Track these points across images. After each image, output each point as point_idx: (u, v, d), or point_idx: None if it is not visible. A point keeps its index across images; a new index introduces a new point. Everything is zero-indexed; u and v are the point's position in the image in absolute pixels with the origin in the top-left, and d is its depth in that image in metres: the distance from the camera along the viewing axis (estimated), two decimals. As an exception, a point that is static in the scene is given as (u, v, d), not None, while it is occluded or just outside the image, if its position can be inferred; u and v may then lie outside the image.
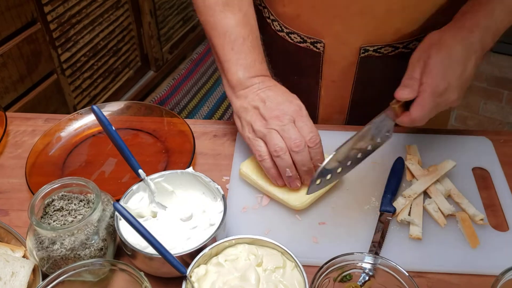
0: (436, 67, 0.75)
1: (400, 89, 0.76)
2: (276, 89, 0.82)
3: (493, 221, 0.80)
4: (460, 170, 0.86)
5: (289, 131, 0.77)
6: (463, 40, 0.77)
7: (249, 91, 0.82)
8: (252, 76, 0.82)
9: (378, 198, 0.83)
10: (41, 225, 0.65)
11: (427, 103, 0.75)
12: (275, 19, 0.96)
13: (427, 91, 0.75)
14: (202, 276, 0.64)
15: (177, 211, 0.75)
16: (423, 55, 0.77)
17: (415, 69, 0.77)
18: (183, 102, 2.83)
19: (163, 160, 0.91)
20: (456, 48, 0.76)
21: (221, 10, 0.84)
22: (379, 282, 0.67)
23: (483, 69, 3.09)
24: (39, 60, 1.84)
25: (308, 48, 0.94)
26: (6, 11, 1.65)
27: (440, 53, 0.76)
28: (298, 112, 0.79)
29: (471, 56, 0.77)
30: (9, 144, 0.95)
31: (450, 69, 0.75)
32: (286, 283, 0.64)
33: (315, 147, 0.77)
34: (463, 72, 0.77)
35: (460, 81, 0.77)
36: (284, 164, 0.77)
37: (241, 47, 0.83)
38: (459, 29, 0.78)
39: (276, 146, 0.76)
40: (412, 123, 0.77)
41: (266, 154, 0.78)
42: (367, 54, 0.91)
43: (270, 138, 0.77)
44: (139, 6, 2.50)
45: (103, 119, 0.72)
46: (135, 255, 0.68)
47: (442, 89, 0.75)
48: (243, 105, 0.82)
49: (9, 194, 0.85)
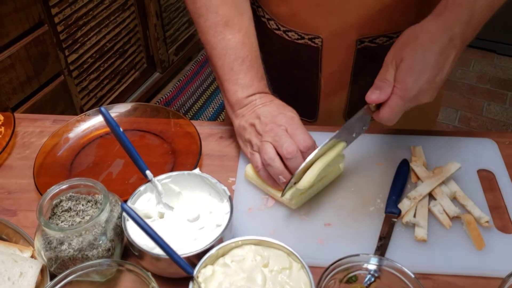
0: (408, 72, 0.73)
1: (371, 91, 0.76)
2: (272, 105, 0.84)
3: (499, 223, 0.80)
4: (465, 172, 0.87)
5: (280, 140, 0.78)
6: (441, 37, 0.74)
7: (246, 109, 0.85)
8: (250, 94, 0.85)
9: (383, 199, 0.83)
10: (49, 225, 0.66)
11: (396, 107, 0.74)
12: (271, 18, 0.97)
13: (397, 94, 0.74)
14: (209, 276, 0.65)
15: (184, 212, 0.75)
16: (397, 55, 0.75)
17: (388, 70, 0.75)
18: (189, 103, 2.83)
19: (169, 162, 0.92)
20: (432, 49, 0.74)
21: (221, 31, 0.86)
22: (384, 284, 0.67)
23: (487, 70, 3.09)
24: (46, 62, 1.86)
25: (306, 44, 0.95)
26: (14, 13, 1.67)
27: (414, 55, 0.74)
28: (291, 122, 0.81)
29: (449, 53, 0.75)
30: (17, 145, 0.96)
31: (423, 73, 0.74)
32: (293, 284, 0.64)
33: (308, 151, 0.78)
34: (438, 74, 0.75)
35: (434, 84, 0.76)
36: (275, 172, 0.79)
37: (240, 67, 0.85)
38: (439, 24, 0.75)
39: (265, 156, 0.79)
40: (381, 122, 0.77)
41: (261, 164, 0.81)
42: (363, 45, 0.93)
43: (262, 149, 0.79)
44: (145, 8, 2.51)
45: (111, 121, 0.73)
46: (142, 256, 0.69)
47: (412, 94, 0.74)
48: (241, 124, 0.85)
49: (17, 194, 0.86)
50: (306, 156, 0.77)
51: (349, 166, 0.87)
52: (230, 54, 0.85)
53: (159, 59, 2.74)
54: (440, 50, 0.74)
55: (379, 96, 0.74)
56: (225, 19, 0.86)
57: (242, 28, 0.87)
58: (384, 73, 0.75)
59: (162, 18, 2.65)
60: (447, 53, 0.75)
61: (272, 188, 0.82)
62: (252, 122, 0.83)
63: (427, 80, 0.74)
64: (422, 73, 0.73)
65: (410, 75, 0.73)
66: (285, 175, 0.78)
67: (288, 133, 0.79)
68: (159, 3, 2.58)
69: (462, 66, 3.13)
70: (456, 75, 3.07)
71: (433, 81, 0.75)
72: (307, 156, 0.77)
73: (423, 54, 0.73)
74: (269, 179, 0.81)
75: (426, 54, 0.73)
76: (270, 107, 0.84)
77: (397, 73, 0.74)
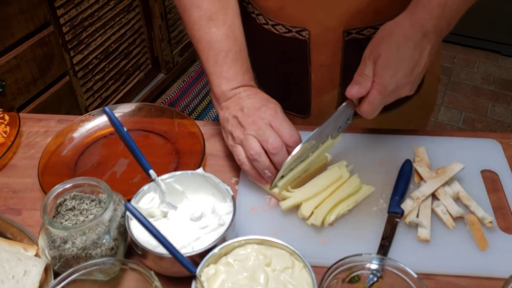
0: (385, 67, 0.76)
1: (350, 86, 0.78)
2: (256, 97, 0.85)
3: (502, 223, 0.80)
4: (468, 172, 0.86)
5: (265, 134, 0.79)
6: (415, 33, 0.77)
7: (231, 101, 0.85)
8: (234, 87, 0.85)
9: (386, 200, 0.83)
10: (53, 224, 0.66)
11: (375, 101, 0.77)
12: (260, 13, 0.98)
13: (376, 89, 0.77)
14: (211, 275, 0.65)
15: (187, 211, 0.76)
16: (374, 51, 0.78)
17: (366, 66, 0.78)
18: (193, 104, 2.84)
19: (173, 161, 0.92)
20: (406, 45, 0.77)
21: (205, 25, 0.87)
22: (387, 284, 0.67)
23: (491, 71, 3.08)
24: (51, 62, 1.87)
25: (294, 37, 0.96)
26: (20, 14, 1.68)
27: (389, 51, 0.76)
28: (274, 115, 0.81)
29: (425, 46, 0.78)
30: (22, 144, 0.97)
31: (400, 68, 0.77)
32: (295, 283, 0.64)
33: (294, 146, 0.78)
34: (415, 67, 0.78)
35: (411, 77, 0.78)
36: (262, 167, 0.79)
37: (223, 60, 0.86)
38: (412, 20, 0.78)
39: (251, 150, 0.79)
40: (362, 115, 0.80)
41: (244, 158, 0.81)
42: (351, 37, 0.94)
43: (246, 143, 0.80)
44: (150, 9, 2.52)
45: (115, 121, 0.73)
46: (145, 255, 0.69)
47: (391, 89, 0.77)
48: (225, 115, 0.85)
49: (22, 193, 0.87)
50: (291, 150, 0.78)
51: (353, 166, 0.87)
52: (214, 47, 0.87)
53: (163, 60, 2.75)
54: (414, 45, 0.77)
55: (359, 91, 0.77)
56: (209, 13, 0.87)
57: (226, 22, 0.88)
58: (363, 68, 0.78)
59: (167, 19, 2.66)
60: (422, 48, 0.78)
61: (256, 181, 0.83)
62: (235, 114, 0.83)
63: (403, 74, 0.77)
64: (398, 68, 0.76)
65: (387, 70, 0.76)
66: (271, 170, 0.79)
67: (272, 127, 0.80)
68: (164, 4, 2.59)
69: (466, 67, 3.13)
70: (461, 76, 3.06)
71: (411, 74, 0.78)
72: (292, 150, 0.78)
73: (397, 49, 0.76)
74: (253, 173, 0.81)
75: (401, 50, 0.76)
76: (253, 100, 0.84)
77: (375, 68, 0.77)
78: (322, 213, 0.78)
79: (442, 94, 2.92)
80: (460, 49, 3.24)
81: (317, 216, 0.77)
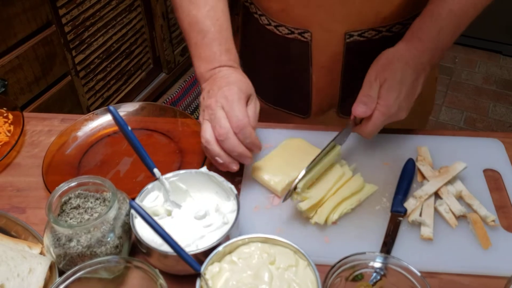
0: (390, 90, 0.81)
1: (357, 105, 0.82)
2: (229, 77, 0.83)
3: (505, 222, 0.80)
4: (471, 171, 0.87)
5: (215, 120, 0.79)
6: (413, 62, 0.83)
7: (207, 83, 0.85)
8: (211, 68, 0.85)
9: (389, 198, 0.83)
10: (58, 222, 0.67)
11: (378, 122, 0.82)
12: (262, 14, 0.99)
13: (380, 110, 0.81)
14: (216, 273, 0.65)
15: (191, 210, 0.76)
16: (380, 75, 0.82)
17: (372, 88, 0.82)
18: (195, 103, 2.85)
19: (177, 160, 0.92)
20: (407, 72, 0.82)
21: (187, 6, 0.88)
22: (390, 282, 0.67)
23: (492, 71, 3.08)
24: (53, 62, 1.87)
25: (296, 38, 0.97)
26: (22, 13, 1.68)
27: (394, 75, 0.81)
28: (228, 97, 0.79)
29: (420, 75, 0.84)
30: (26, 143, 0.97)
31: (401, 93, 0.82)
32: (299, 281, 0.65)
33: (240, 132, 0.78)
34: (413, 93, 0.84)
35: (409, 101, 0.84)
36: (211, 154, 0.80)
37: (202, 41, 0.86)
38: (410, 51, 0.84)
39: (202, 139, 0.79)
40: (362, 135, 0.85)
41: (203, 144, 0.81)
42: (353, 39, 0.95)
43: (202, 129, 0.80)
44: (151, 9, 2.52)
45: (119, 119, 0.73)
46: (150, 253, 0.69)
47: (393, 111, 0.82)
48: (200, 98, 0.85)
49: (26, 192, 0.87)
50: (240, 136, 0.78)
51: (356, 165, 0.88)
52: (194, 29, 0.87)
53: (165, 60, 2.75)
54: (413, 71, 0.83)
55: (366, 111, 0.81)
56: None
57: (208, 4, 0.88)
58: (368, 90, 0.82)
59: (169, 19, 2.66)
60: (418, 75, 0.84)
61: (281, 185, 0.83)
62: (203, 95, 0.83)
63: (404, 97, 0.82)
64: (401, 92, 0.82)
65: (392, 93, 0.81)
66: (222, 157, 0.79)
67: (224, 110, 0.79)
68: (165, 4, 2.60)
69: (468, 68, 3.13)
70: (462, 76, 3.06)
71: (409, 98, 0.84)
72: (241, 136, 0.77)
73: (401, 75, 0.82)
74: (212, 159, 0.81)
75: (403, 75, 0.82)
76: (224, 79, 0.83)
77: (381, 91, 0.82)
78: (325, 212, 0.78)
79: (444, 94, 2.92)
80: (461, 49, 3.25)
81: (320, 215, 0.78)
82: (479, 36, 3.17)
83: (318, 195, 0.80)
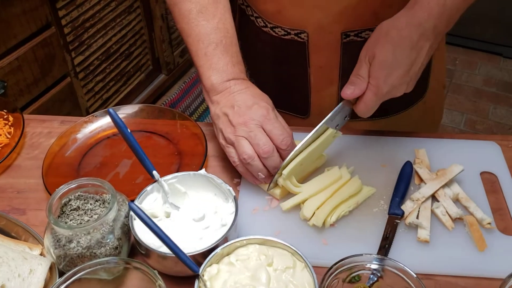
0: (379, 68, 0.77)
1: (345, 87, 0.80)
2: (247, 92, 0.84)
3: (501, 225, 0.81)
4: (468, 174, 0.87)
5: (256, 137, 0.79)
6: (411, 33, 0.76)
7: (221, 96, 0.85)
8: (225, 80, 0.85)
9: (387, 201, 0.84)
10: (59, 223, 0.67)
11: (370, 102, 0.79)
12: (258, 16, 0.99)
13: (371, 90, 0.78)
14: (214, 275, 0.66)
15: (190, 212, 0.77)
16: (369, 52, 0.78)
17: (361, 66, 0.79)
18: (194, 105, 2.85)
19: (175, 162, 0.93)
20: (402, 45, 0.76)
21: (195, 18, 0.87)
22: (387, 284, 0.68)
23: (493, 74, 3.09)
24: (53, 64, 1.88)
25: (293, 39, 0.97)
26: (22, 15, 1.69)
27: (384, 51, 0.77)
28: (266, 116, 0.81)
29: (422, 46, 0.77)
30: (26, 145, 0.98)
31: (395, 69, 0.77)
32: (296, 283, 0.65)
33: (287, 149, 0.79)
34: (411, 67, 0.78)
35: (407, 77, 0.78)
36: (255, 170, 0.80)
37: (213, 51, 0.85)
38: (409, 19, 0.77)
39: (244, 155, 0.79)
40: (358, 114, 0.82)
41: (238, 160, 0.81)
42: (349, 39, 0.95)
43: (238, 145, 0.80)
44: (151, 11, 2.53)
45: (119, 122, 0.74)
46: (149, 254, 0.70)
47: (385, 91, 0.78)
48: (216, 111, 0.85)
49: (26, 194, 0.88)
50: (284, 153, 0.79)
51: (354, 168, 0.88)
52: (204, 39, 0.86)
53: (164, 61, 2.76)
54: (411, 44, 0.76)
55: (354, 92, 0.79)
56: (199, 7, 0.87)
57: (217, 15, 0.88)
58: (358, 69, 0.79)
59: (168, 20, 2.67)
60: (419, 47, 0.77)
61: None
62: (226, 112, 0.83)
63: (398, 75, 0.77)
64: (393, 68, 0.77)
65: (382, 71, 0.77)
66: (264, 172, 0.80)
67: (264, 129, 0.80)
68: (164, 5, 2.60)
69: (468, 69, 3.14)
70: (462, 78, 3.07)
71: (407, 74, 0.78)
72: (283, 153, 0.79)
73: (393, 50, 0.76)
74: (248, 174, 0.82)
75: (396, 50, 0.76)
76: (245, 95, 0.83)
77: (370, 69, 0.78)
78: (323, 214, 0.78)
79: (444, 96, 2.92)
80: (461, 51, 3.25)
81: (318, 217, 0.78)
82: (479, 38, 3.18)
83: (302, 196, 0.81)
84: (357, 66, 0.81)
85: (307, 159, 0.83)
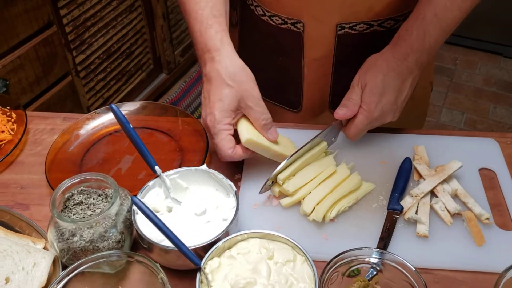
0: (371, 94, 0.85)
1: (338, 108, 0.86)
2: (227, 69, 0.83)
3: (499, 220, 0.82)
4: (467, 170, 0.88)
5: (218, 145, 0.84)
6: (397, 65, 0.85)
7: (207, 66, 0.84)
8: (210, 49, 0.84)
9: (386, 196, 0.85)
10: (62, 217, 0.68)
11: (361, 125, 0.86)
12: (258, 5, 1.01)
13: (363, 114, 0.86)
14: (215, 268, 0.67)
15: (192, 206, 0.77)
16: (362, 79, 0.86)
17: (354, 92, 0.86)
18: (195, 104, 2.86)
19: (177, 159, 0.94)
20: (390, 75, 0.85)
21: None
22: (386, 277, 0.69)
23: (493, 73, 3.09)
24: (54, 62, 1.88)
25: (289, 29, 0.99)
26: (24, 13, 1.69)
27: (375, 79, 0.85)
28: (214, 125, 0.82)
29: (407, 78, 0.86)
30: (29, 141, 0.98)
31: (384, 96, 0.85)
32: (296, 276, 0.66)
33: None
34: (398, 97, 0.87)
35: (395, 105, 0.87)
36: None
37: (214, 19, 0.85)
38: (395, 53, 0.86)
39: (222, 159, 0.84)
40: (347, 137, 0.89)
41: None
42: (344, 32, 0.97)
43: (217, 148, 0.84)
44: (152, 9, 2.54)
45: (122, 118, 0.75)
46: (151, 248, 0.71)
47: (376, 115, 0.86)
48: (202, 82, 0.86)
49: (30, 189, 0.89)
50: None
51: (354, 164, 0.89)
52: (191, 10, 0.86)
53: (165, 60, 2.76)
54: (397, 75, 0.85)
55: (346, 113, 0.86)
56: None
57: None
58: (351, 94, 0.86)
59: (169, 19, 2.67)
60: (404, 78, 0.86)
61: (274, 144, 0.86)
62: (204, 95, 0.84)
63: (388, 102, 0.86)
64: (383, 95, 0.85)
65: (373, 97, 0.85)
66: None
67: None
68: (166, 4, 2.61)
69: (468, 69, 3.14)
70: (462, 77, 3.08)
71: (395, 102, 0.87)
72: None
73: (383, 78, 0.85)
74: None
75: (386, 78, 0.85)
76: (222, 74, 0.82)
77: (363, 95, 0.86)
78: (323, 210, 0.79)
79: (444, 96, 2.93)
80: (462, 50, 3.25)
81: (318, 212, 0.79)
82: (479, 38, 3.18)
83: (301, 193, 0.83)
84: (349, 91, 0.87)
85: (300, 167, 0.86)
